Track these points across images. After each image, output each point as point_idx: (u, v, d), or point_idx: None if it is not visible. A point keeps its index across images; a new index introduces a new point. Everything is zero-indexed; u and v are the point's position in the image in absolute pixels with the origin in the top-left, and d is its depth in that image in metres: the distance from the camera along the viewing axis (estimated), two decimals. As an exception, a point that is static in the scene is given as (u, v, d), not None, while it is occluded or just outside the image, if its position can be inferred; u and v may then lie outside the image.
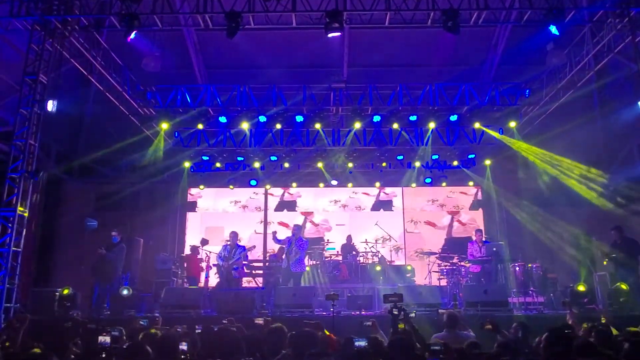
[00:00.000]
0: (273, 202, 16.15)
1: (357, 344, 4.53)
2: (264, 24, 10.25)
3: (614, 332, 5.55)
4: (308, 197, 16.19)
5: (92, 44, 10.60)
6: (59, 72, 9.98)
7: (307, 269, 12.02)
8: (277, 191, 16.16)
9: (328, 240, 14.58)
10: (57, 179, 14.37)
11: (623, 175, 13.02)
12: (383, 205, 16.16)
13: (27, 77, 9.27)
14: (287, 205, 16.14)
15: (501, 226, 15.04)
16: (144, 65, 11.39)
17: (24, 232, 8.92)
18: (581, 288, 9.92)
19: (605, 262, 10.40)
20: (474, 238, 12.30)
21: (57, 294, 9.54)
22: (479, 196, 16.00)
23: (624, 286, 9.31)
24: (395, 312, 5.40)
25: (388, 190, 16.11)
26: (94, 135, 14.42)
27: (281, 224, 15.51)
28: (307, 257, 12.52)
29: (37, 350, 3.87)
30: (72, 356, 4.74)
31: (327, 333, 5.78)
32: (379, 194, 16.16)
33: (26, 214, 8.99)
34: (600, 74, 12.22)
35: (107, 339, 4.64)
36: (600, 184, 12.95)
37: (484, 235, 12.45)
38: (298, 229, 11.77)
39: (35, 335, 5.62)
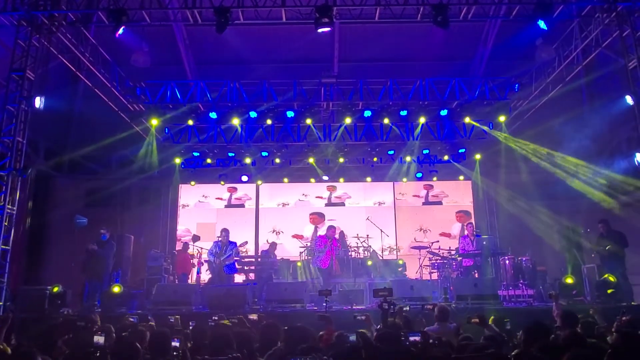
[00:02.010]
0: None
1: (351, 338, 4.55)
2: (254, 19, 10.22)
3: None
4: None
5: (80, 39, 10.48)
6: (47, 68, 9.86)
7: None
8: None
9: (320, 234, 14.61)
10: (46, 175, 14.25)
11: (611, 169, 13.14)
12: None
13: (14, 73, 9.18)
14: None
15: (491, 219, 15.16)
16: (133, 61, 11.31)
17: (12, 230, 8.86)
18: (569, 280, 10.06)
19: (593, 255, 10.53)
20: (466, 232, 12.36)
21: (47, 291, 9.48)
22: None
23: (611, 278, 9.44)
24: (385, 307, 5.42)
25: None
26: (83, 131, 14.23)
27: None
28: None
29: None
30: (62, 354, 4.72)
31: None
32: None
33: (15, 207, 8.94)
34: (588, 68, 12.30)
35: (102, 339, 4.62)
36: (589, 177, 13.07)
37: (475, 229, 12.54)
38: (333, 229, 11.82)
39: (25, 333, 5.59)
